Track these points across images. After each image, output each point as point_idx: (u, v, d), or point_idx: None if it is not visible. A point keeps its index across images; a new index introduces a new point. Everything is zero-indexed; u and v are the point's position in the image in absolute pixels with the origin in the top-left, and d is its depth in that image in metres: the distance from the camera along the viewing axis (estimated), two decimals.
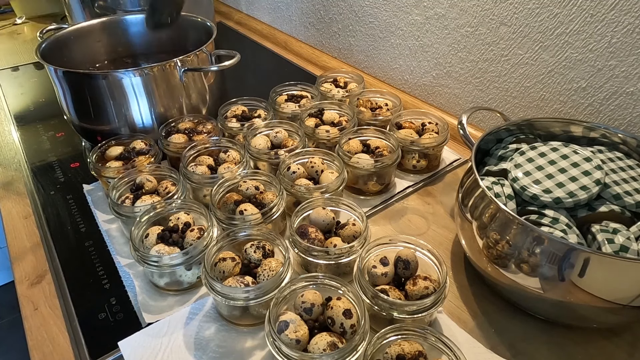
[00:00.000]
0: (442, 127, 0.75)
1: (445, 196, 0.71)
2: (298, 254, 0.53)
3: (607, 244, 0.46)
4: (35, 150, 0.83)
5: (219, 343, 0.50)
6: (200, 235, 0.54)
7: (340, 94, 0.84)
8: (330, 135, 0.73)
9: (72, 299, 0.56)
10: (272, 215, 0.58)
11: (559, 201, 0.49)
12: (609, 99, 0.63)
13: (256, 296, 0.48)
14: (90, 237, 0.64)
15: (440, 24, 0.81)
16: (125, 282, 0.57)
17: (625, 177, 0.52)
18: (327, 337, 0.43)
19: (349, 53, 1.07)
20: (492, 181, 0.53)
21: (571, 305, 0.46)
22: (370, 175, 0.68)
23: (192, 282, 0.56)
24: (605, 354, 0.49)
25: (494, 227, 0.48)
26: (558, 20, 0.64)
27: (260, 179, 0.63)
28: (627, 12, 0.57)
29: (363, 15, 0.97)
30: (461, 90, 0.83)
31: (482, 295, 0.56)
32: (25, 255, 0.62)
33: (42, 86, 1.05)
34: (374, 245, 0.53)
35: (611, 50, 0.60)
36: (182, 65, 0.73)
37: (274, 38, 1.27)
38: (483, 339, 0.51)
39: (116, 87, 0.70)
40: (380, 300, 0.46)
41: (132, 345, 0.49)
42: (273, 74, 1.12)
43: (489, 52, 0.75)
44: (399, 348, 0.42)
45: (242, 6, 1.43)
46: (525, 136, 0.61)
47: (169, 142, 0.71)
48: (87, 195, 0.71)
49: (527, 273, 0.46)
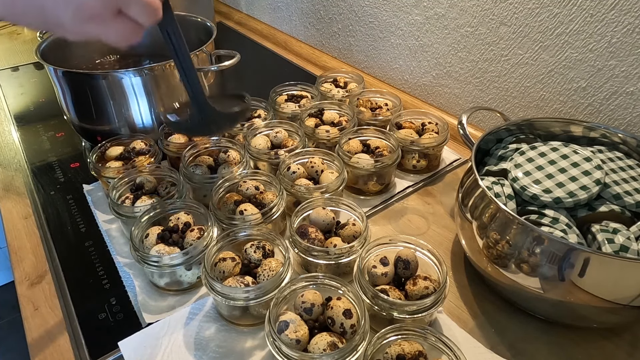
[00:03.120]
0: (442, 127, 0.75)
1: (445, 196, 0.71)
2: (298, 254, 0.53)
3: (607, 244, 0.46)
4: (35, 150, 0.83)
5: (219, 343, 0.50)
6: (200, 235, 0.54)
7: (340, 94, 0.84)
8: (330, 135, 0.73)
9: (72, 299, 0.56)
10: (272, 215, 0.58)
11: (559, 201, 0.49)
12: (609, 99, 0.63)
13: (256, 296, 0.48)
14: (90, 237, 0.64)
15: (440, 24, 0.81)
16: (125, 282, 0.57)
17: (625, 177, 0.52)
18: (327, 337, 0.43)
19: (349, 53, 1.07)
20: (492, 181, 0.53)
21: (571, 305, 0.46)
22: (370, 175, 0.68)
23: (192, 282, 0.56)
24: (605, 354, 0.49)
25: (494, 227, 0.48)
26: (558, 20, 0.64)
27: (260, 179, 0.63)
28: (627, 12, 0.57)
29: (363, 15, 0.97)
30: (461, 90, 0.83)
31: (482, 295, 0.56)
32: (25, 255, 0.62)
33: (42, 86, 1.05)
34: (374, 245, 0.53)
35: (611, 50, 0.60)
36: None
37: (274, 38, 1.27)
38: (483, 338, 0.51)
39: (116, 87, 0.70)
40: (380, 300, 0.46)
41: (132, 345, 0.49)
42: (273, 74, 1.12)
43: (489, 52, 0.75)
44: (399, 348, 0.42)
45: (242, 6, 1.43)
46: (525, 136, 0.61)
47: (169, 142, 0.71)
48: (87, 195, 0.71)
49: (527, 273, 0.46)
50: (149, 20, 0.40)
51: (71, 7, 0.35)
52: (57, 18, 0.36)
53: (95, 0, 0.36)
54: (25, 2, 0.35)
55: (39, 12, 0.35)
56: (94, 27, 0.37)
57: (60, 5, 0.35)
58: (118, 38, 0.40)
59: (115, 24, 0.38)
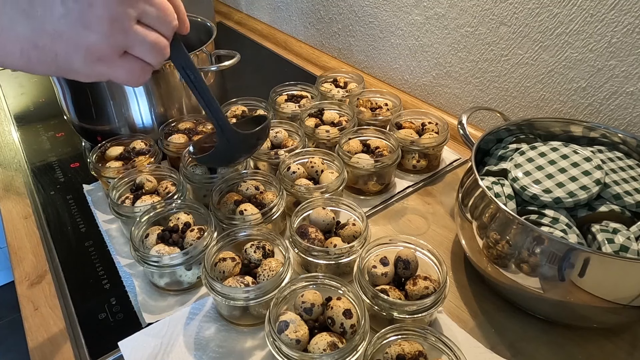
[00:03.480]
0: (442, 127, 0.75)
1: (445, 196, 0.71)
2: (298, 254, 0.53)
3: (607, 244, 0.46)
4: (35, 150, 0.83)
5: (219, 343, 0.50)
6: (200, 235, 0.54)
7: (340, 94, 0.84)
8: (330, 135, 0.73)
9: (72, 299, 0.56)
10: (272, 215, 0.58)
11: (559, 201, 0.49)
12: (609, 99, 0.63)
13: (256, 296, 0.48)
14: (90, 237, 0.64)
15: (440, 24, 0.81)
16: (125, 282, 0.57)
17: (625, 177, 0.52)
18: (327, 337, 0.43)
19: (349, 53, 1.07)
20: (492, 181, 0.53)
21: (571, 305, 0.46)
22: (370, 175, 0.68)
23: (192, 282, 0.56)
24: (605, 354, 0.49)
25: (494, 227, 0.48)
26: (558, 20, 0.64)
27: (260, 179, 0.63)
28: (627, 12, 0.57)
29: (363, 15, 0.97)
30: (461, 90, 0.83)
31: (482, 295, 0.56)
32: (25, 255, 0.62)
33: (42, 86, 1.05)
34: (374, 245, 0.53)
35: (611, 50, 0.60)
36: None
37: (274, 38, 1.27)
38: (483, 338, 0.51)
39: (116, 87, 0.70)
40: (380, 300, 0.46)
41: (132, 345, 0.49)
42: (273, 74, 1.12)
43: (489, 52, 0.75)
44: (399, 348, 0.42)
45: (242, 6, 1.43)
46: (525, 136, 0.61)
47: (169, 142, 0.71)
48: (87, 195, 0.71)
49: (527, 273, 0.46)
50: (156, 60, 0.42)
51: (81, 51, 0.37)
52: (70, 64, 0.38)
53: (102, 43, 0.37)
54: (40, 52, 0.37)
55: (52, 59, 0.37)
56: (104, 68, 0.39)
57: (71, 51, 0.37)
58: (128, 78, 0.41)
59: (124, 65, 0.40)
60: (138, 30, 0.39)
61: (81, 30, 0.36)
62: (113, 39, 0.38)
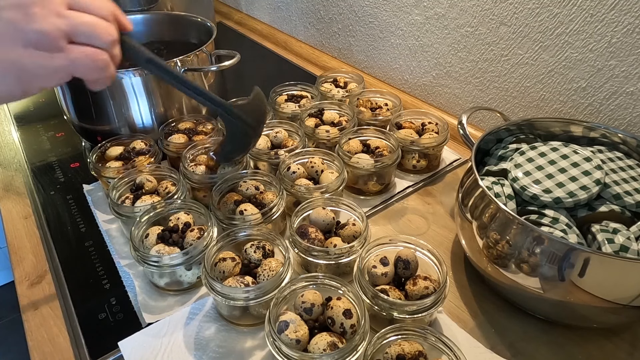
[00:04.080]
0: (442, 127, 0.75)
1: (445, 196, 0.71)
2: (298, 254, 0.53)
3: (607, 244, 0.46)
4: (35, 150, 0.83)
5: (219, 343, 0.50)
6: (200, 235, 0.54)
7: (340, 94, 0.84)
8: (330, 135, 0.73)
9: (72, 299, 0.56)
10: (272, 215, 0.58)
11: (559, 201, 0.49)
12: (609, 99, 0.63)
13: (256, 296, 0.48)
14: (90, 237, 0.64)
15: (440, 24, 0.81)
16: (125, 282, 0.57)
17: (625, 177, 0.52)
18: (327, 337, 0.43)
19: (349, 53, 1.07)
20: (492, 181, 0.53)
21: (571, 305, 0.46)
22: (370, 175, 0.68)
23: (192, 282, 0.56)
24: (605, 354, 0.49)
25: (494, 227, 0.48)
26: (558, 20, 0.64)
27: (260, 179, 0.63)
28: (627, 12, 0.57)
29: (363, 15, 0.97)
30: (461, 90, 0.83)
31: (482, 295, 0.56)
32: (25, 255, 0.62)
33: None
34: (374, 245, 0.53)
35: (611, 50, 0.60)
36: (182, 66, 0.73)
37: (274, 38, 1.27)
38: (483, 338, 0.51)
39: (116, 87, 0.70)
40: (380, 300, 0.46)
41: (132, 345, 0.49)
42: (273, 74, 1.12)
43: (489, 52, 0.75)
44: (399, 348, 0.42)
45: (242, 6, 1.43)
46: (525, 136, 0.61)
47: (169, 142, 0.71)
48: (87, 195, 0.71)
49: (527, 273, 0.46)
50: (103, 41, 0.42)
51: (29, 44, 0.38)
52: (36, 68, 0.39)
53: (50, 28, 0.38)
54: (26, 78, 0.40)
55: (23, 77, 0.40)
56: (60, 60, 0.40)
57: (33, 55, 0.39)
58: (88, 70, 0.42)
59: (75, 54, 0.40)
60: (72, 13, 0.40)
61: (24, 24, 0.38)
62: (52, 24, 0.38)
